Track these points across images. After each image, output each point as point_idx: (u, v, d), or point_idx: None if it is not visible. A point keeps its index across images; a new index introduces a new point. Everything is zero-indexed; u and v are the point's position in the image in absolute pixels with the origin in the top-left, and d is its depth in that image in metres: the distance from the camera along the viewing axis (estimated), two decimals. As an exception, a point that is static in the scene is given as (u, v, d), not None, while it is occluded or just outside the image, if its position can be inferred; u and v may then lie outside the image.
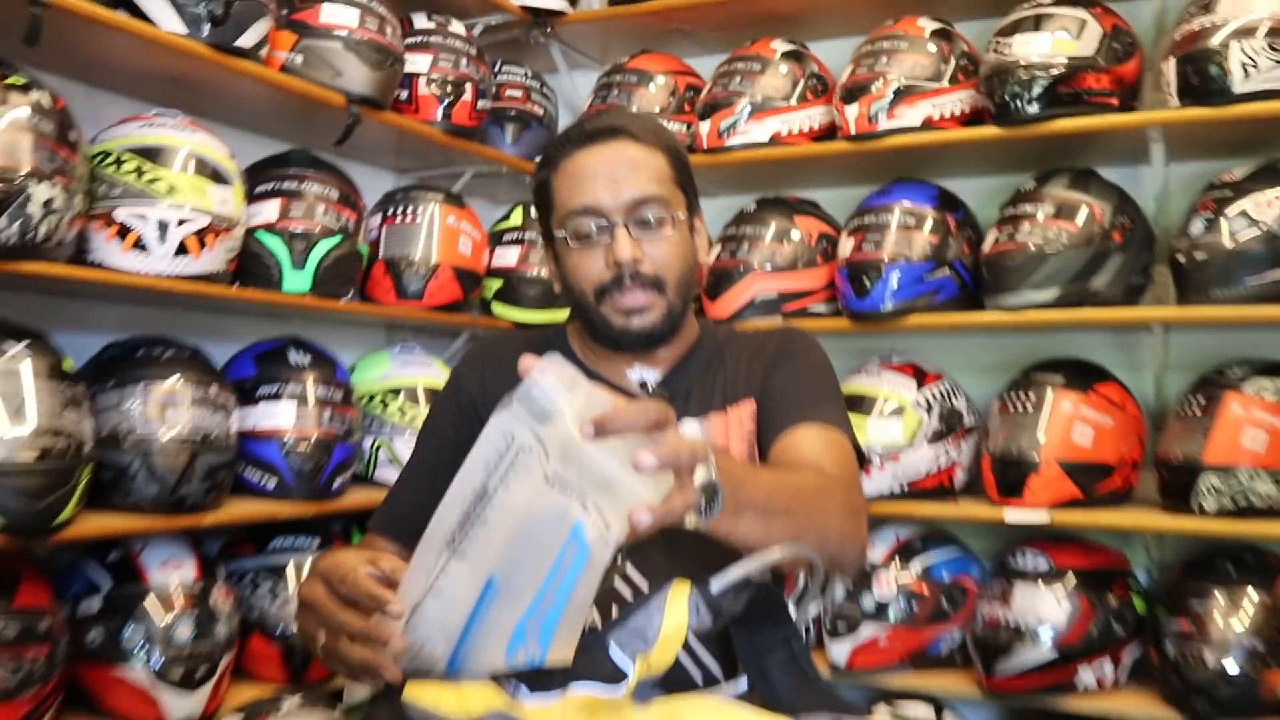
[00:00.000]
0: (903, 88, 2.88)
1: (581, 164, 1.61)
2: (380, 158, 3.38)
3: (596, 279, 1.60)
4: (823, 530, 1.36)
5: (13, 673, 2.03)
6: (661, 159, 1.64)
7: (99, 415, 2.24)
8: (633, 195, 1.59)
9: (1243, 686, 2.49)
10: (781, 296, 3.05)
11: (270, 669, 2.62)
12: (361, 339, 3.40)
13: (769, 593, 1.20)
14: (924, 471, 2.89)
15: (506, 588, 1.06)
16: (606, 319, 1.62)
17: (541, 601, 1.06)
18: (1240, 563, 2.62)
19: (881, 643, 2.87)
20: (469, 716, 1.00)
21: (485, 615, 1.07)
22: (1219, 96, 2.54)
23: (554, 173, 1.65)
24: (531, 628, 1.07)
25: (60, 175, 2.05)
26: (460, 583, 1.07)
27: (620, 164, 1.60)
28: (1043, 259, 2.71)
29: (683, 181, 1.68)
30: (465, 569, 1.06)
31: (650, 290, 1.60)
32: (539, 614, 1.06)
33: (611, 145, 1.62)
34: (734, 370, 1.70)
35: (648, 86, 3.29)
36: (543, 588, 1.05)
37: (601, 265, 1.60)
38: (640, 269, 1.58)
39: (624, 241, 1.57)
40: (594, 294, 1.61)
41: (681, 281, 1.64)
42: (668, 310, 1.62)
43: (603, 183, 1.59)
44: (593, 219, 1.59)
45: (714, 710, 1.09)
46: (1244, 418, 2.54)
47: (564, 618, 1.07)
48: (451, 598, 1.07)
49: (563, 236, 1.62)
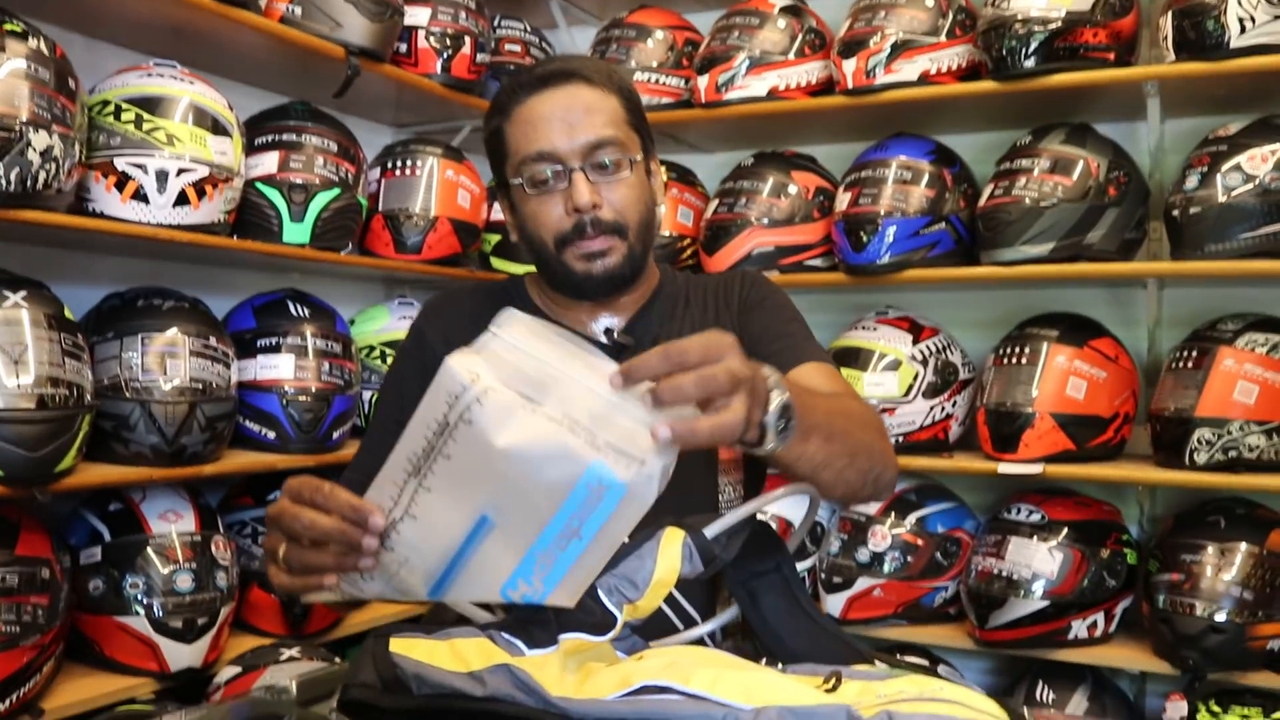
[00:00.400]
0: (900, 42, 2.87)
1: (535, 109, 1.58)
2: (379, 112, 3.38)
3: (556, 226, 1.57)
4: (871, 450, 1.39)
5: (14, 622, 2.05)
6: (615, 101, 1.60)
7: (99, 365, 2.25)
8: (589, 139, 1.55)
9: (1232, 637, 2.51)
10: (779, 250, 3.06)
11: (270, 620, 2.64)
12: (360, 292, 3.40)
13: (763, 527, 1.20)
14: (919, 425, 2.91)
15: (503, 525, 1.03)
16: (568, 266, 1.58)
17: (557, 537, 1.02)
18: (1231, 515, 2.64)
19: (876, 594, 2.90)
20: (469, 670, 1.00)
21: (476, 550, 1.04)
22: (1215, 51, 2.54)
23: (506, 120, 1.61)
24: (541, 563, 1.03)
25: (59, 123, 2.05)
26: (438, 514, 1.04)
27: (575, 108, 1.57)
28: (1038, 213, 2.72)
29: (637, 123, 1.64)
30: (439, 501, 1.03)
31: (611, 236, 1.57)
32: (554, 548, 1.02)
33: (565, 89, 1.58)
34: (701, 316, 1.69)
35: (646, 41, 3.28)
36: (554, 526, 1.01)
37: (560, 212, 1.56)
38: (600, 214, 1.55)
39: (582, 186, 1.54)
40: (554, 242, 1.58)
41: (642, 225, 1.61)
42: (629, 254, 1.59)
43: (558, 127, 1.55)
44: (549, 165, 1.56)
45: (711, 659, 1.09)
46: (1236, 371, 2.55)
47: (586, 554, 1.03)
48: (431, 525, 1.04)
49: (519, 184, 1.59)
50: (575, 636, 1.06)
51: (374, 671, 1.01)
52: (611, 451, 0.99)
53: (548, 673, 0.99)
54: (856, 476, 1.38)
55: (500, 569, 1.05)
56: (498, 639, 1.03)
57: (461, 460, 1.00)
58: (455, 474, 1.01)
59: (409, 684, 0.98)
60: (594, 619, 1.08)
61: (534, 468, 0.99)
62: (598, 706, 0.96)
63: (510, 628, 1.06)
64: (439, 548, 1.05)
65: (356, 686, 1.00)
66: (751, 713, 0.93)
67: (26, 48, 2.04)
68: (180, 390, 2.30)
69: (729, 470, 1.64)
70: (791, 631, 1.20)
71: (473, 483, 1.01)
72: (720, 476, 1.63)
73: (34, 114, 2.00)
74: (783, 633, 1.20)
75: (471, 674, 0.98)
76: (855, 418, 1.39)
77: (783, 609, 1.21)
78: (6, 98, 1.97)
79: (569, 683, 0.99)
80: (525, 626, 1.06)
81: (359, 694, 0.99)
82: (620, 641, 1.11)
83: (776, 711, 0.93)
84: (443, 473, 1.01)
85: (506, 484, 1.00)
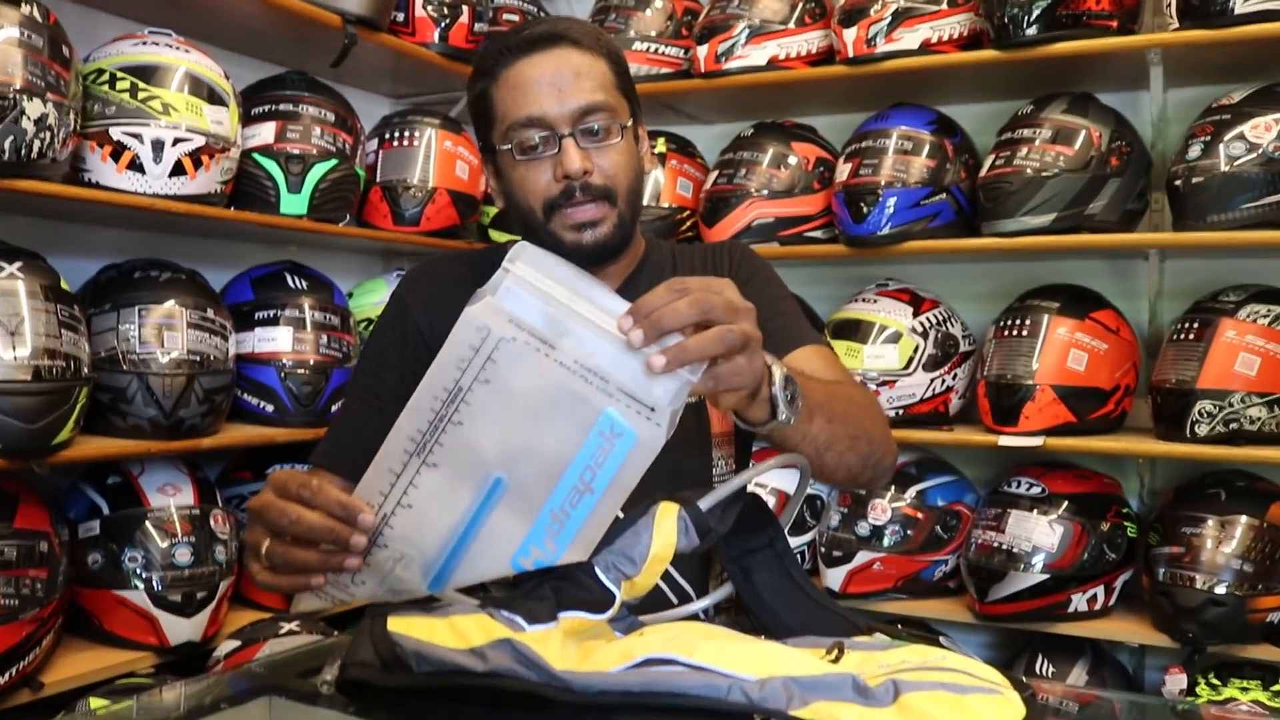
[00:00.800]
0: (901, 10, 2.85)
1: (523, 73, 1.54)
2: (377, 83, 3.35)
3: (544, 193, 1.54)
4: (871, 435, 1.40)
5: (13, 595, 2.05)
6: (604, 65, 1.57)
7: (96, 337, 2.24)
8: (578, 104, 1.52)
9: (1232, 610, 2.51)
10: (779, 221, 3.04)
11: (268, 595, 2.64)
12: (359, 264, 3.39)
13: (755, 500, 1.19)
14: (919, 397, 2.90)
15: (516, 486, 1.02)
16: (556, 234, 1.55)
17: (570, 491, 1.02)
18: (1231, 488, 2.64)
19: (876, 568, 2.90)
20: (469, 646, 0.99)
21: (486, 521, 1.03)
22: (1219, 18, 2.52)
23: (493, 83, 1.57)
24: (554, 523, 1.03)
25: (53, 92, 2.03)
26: (438, 493, 1.02)
27: (564, 72, 1.53)
28: (1039, 184, 2.70)
29: (625, 88, 1.61)
30: (441, 476, 1.02)
31: (601, 202, 1.54)
32: (566, 504, 1.02)
33: (554, 53, 1.54)
34: None
35: (645, 10, 3.25)
36: (567, 480, 1.01)
37: (549, 178, 1.53)
38: (590, 180, 1.53)
39: (572, 153, 1.51)
40: (542, 209, 1.55)
41: (631, 191, 1.59)
42: (619, 222, 1.56)
43: (547, 92, 1.52)
44: (537, 130, 1.52)
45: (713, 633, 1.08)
46: (1237, 343, 2.54)
47: (598, 507, 1.03)
48: (427, 510, 1.03)
49: (507, 149, 1.55)
50: (574, 615, 1.05)
51: (373, 650, 1.00)
52: (624, 397, 0.99)
53: (549, 648, 0.98)
54: (857, 460, 1.39)
55: (511, 538, 1.04)
56: (497, 616, 1.02)
57: (476, 421, 0.99)
58: (466, 440, 1.00)
59: (409, 662, 0.98)
60: (593, 597, 1.07)
61: (548, 417, 0.99)
62: (602, 679, 0.95)
63: (509, 605, 1.05)
64: (442, 530, 1.04)
65: (356, 665, 0.99)
66: (756, 683, 0.93)
67: (19, 14, 2.02)
68: (178, 363, 2.29)
69: (722, 444, 1.64)
70: (786, 606, 1.20)
71: (486, 444, 1.00)
72: (714, 450, 1.63)
73: (28, 82, 1.98)
74: (778, 608, 1.20)
75: (472, 650, 0.97)
76: (854, 402, 1.40)
77: (776, 584, 1.20)
78: (0, 65, 1.95)
79: (571, 656, 0.99)
80: (524, 603, 1.05)
81: (358, 673, 0.98)
82: (618, 622, 1.11)
83: (781, 681, 0.93)
84: (452, 442, 1.00)
85: (520, 439, 1.00)
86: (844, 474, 1.39)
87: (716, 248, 1.77)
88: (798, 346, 1.58)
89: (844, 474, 1.39)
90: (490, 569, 1.07)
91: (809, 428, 1.24)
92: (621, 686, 0.94)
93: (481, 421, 0.99)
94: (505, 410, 0.99)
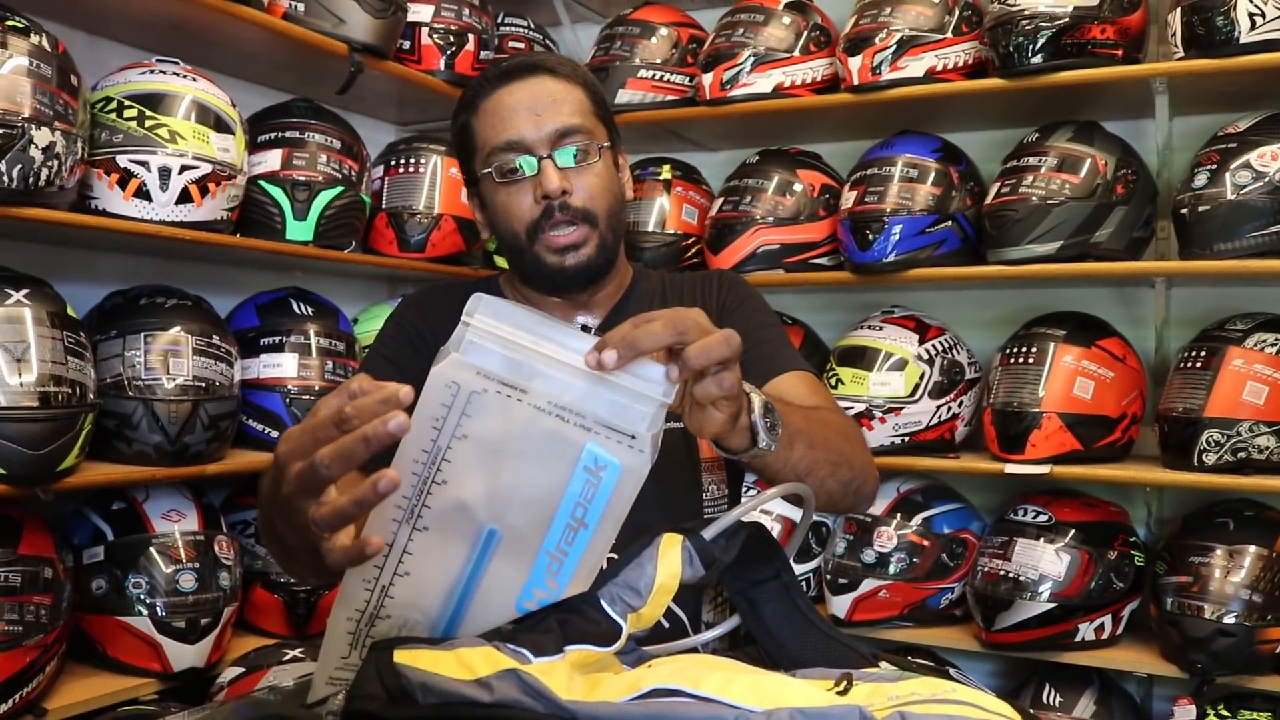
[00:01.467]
0: (906, 39, 2.86)
1: (501, 101, 1.59)
2: (382, 110, 3.37)
3: (526, 216, 1.57)
4: (852, 461, 1.41)
5: (17, 621, 2.05)
6: (581, 93, 1.62)
7: (101, 364, 2.25)
8: (555, 126, 1.56)
9: (1241, 640, 2.50)
10: (784, 248, 3.04)
11: (273, 621, 2.63)
12: (364, 291, 3.39)
13: (760, 530, 1.19)
14: (925, 425, 2.89)
15: (510, 535, 1.02)
16: (540, 259, 1.58)
17: (564, 530, 1.02)
18: (1240, 517, 2.63)
19: (881, 596, 2.88)
20: (475, 677, 0.98)
21: (485, 573, 1.03)
22: (1225, 46, 2.52)
23: (474, 114, 1.62)
24: (553, 562, 1.03)
25: (61, 120, 2.04)
26: (433, 555, 1.01)
27: (540, 97, 1.58)
28: (1045, 211, 2.70)
29: (603, 115, 1.65)
30: (434, 539, 1.00)
31: (582, 225, 1.57)
32: (562, 543, 1.02)
33: (530, 81, 1.59)
34: None
35: (650, 38, 3.26)
36: (560, 519, 1.01)
37: (530, 201, 1.56)
38: (570, 201, 1.55)
39: (551, 173, 1.54)
40: (525, 232, 1.58)
41: (612, 213, 1.61)
42: (600, 244, 1.59)
43: (524, 116, 1.56)
44: (517, 154, 1.56)
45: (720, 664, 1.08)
46: (1245, 371, 2.54)
47: (594, 539, 1.03)
48: (425, 573, 1.02)
49: (487, 173, 1.59)
50: (581, 648, 1.05)
51: (379, 683, 0.99)
52: (603, 429, 0.99)
53: (556, 679, 0.98)
54: (838, 486, 1.40)
55: (512, 584, 1.04)
56: (503, 648, 1.02)
57: (459, 477, 0.98)
58: (453, 499, 0.99)
59: (415, 694, 0.97)
60: (599, 629, 1.07)
61: (531, 461, 0.99)
62: (609, 709, 0.94)
63: (514, 638, 1.04)
64: (442, 590, 1.04)
65: (361, 698, 0.98)
66: (763, 715, 0.92)
67: (28, 44, 2.03)
68: (183, 389, 2.29)
69: (712, 469, 1.65)
70: (794, 639, 1.20)
71: (473, 499, 1.00)
72: (704, 475, 1.64)
73: (36, 110, 1.99)
74: (785, 640, 1.20)
75: (478, 681, 0.97)
76: (834, 428, 1.40)
77: (784, 616, 1.20)
78: (8, 94, 1.96)
79: (578, 688, 0.98)
80: (530, 636, 1.05)
81: (364, 705, 0.98)
82: (625, 655, 1.10)
83: (788, 713, 0.92)
84: (439, 503, 0.99)
85: (507, 487, 0.99)
86: (824, 500, 1.40)
87: (706, 277, 1.78)
88: (782, 372, 1.59)
89: (824, 500, 1.40)
90: (495, 617, 1.07)
91: (789, 454, 1.25)
92: (627, 717, 0.94)
93: (465, 477, 0.98)
94: (487, 462, 0.98)
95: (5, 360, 1.97)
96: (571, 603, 1.08)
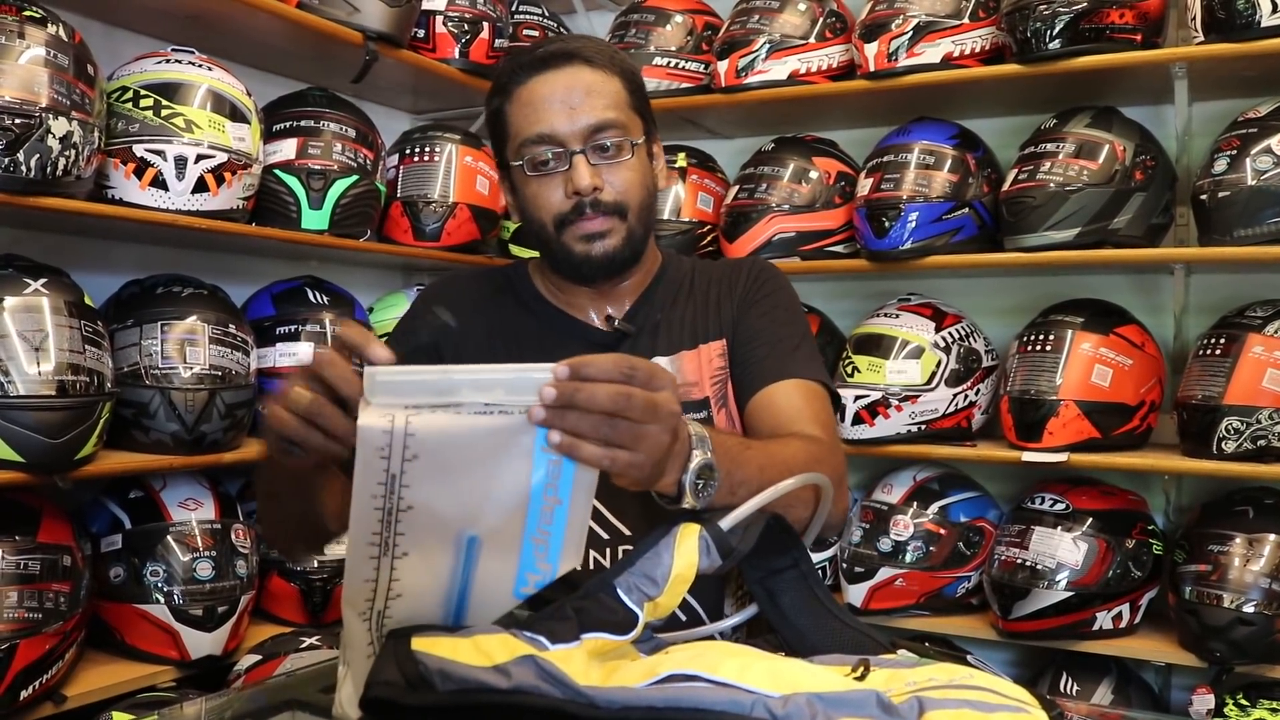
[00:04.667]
0: (922, 25, 2.84)
1: (536, 91, 1.56)
2: (397, 99, 3.36)
3: (556, 209, 1.56)
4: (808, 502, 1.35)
5: (36, 608, 2.06)
6: (617, 83, 1.59)
7: (118, 353, 2.25)
8: (590, 121, 1.54)
9: (1260, 629, 2.48)
10: (800, 236, 3.04)
11: (289, 609, 2.64)
12: (379, 280, 3.40)
13: (777, 521, 1.19)
14: (942, 413, 2.88)
15: (490, 536, 1.03)
16: (567, 247, 1.57)
17: (541, 513, 1.03)
18: (1259, 505, 2.61)
19: (898, 584, 2.88)
20: (493, 664, 0.98)
21: (475, 576, 1.05)
22: (1245, 30, 2.50)
23: (508, 101, 1.59)
24: (539, 546, 1.04)
25: (78, 110, 2.04)
26: (421, 574, 1.03)
27: (576, 90, 1.55)
28: (1063, 198, 2.68)
29: (640, 106, 1.63)
30: (416, 560, 1.02)
31: (611, 216, 1.56)
32: (542, 525, 1.03)
33: (566, 70, 1.56)
34: (704, 304, 1.67)
35: (665, 25, 3.25)
36: (534, 505, 1.02)
37: (561, 195, 1.55)
38: (600, 197, 1.54)
39: (583, 169, 1.53)
40: (554, 224, 1.56)
41: (642, 207, 1.60)
42: (628, 236, 1.58)
43: (559, 109, 1.54)
44: (549, 147, 1.54)
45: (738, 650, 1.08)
46: (1265, 359, 2.52)
47: (572, 512, 1.04)
48: (417, 591, 1.04)
49: (519, 165, 1.57)
50: (597, 636, 1.05)
51: (397, 670, 0.99)
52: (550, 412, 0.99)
53: (573, 665, 0.98)
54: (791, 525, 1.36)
55: (505, 577, 1.06)
56: (520, 635, 1.02)
57: (422, 497, 0.99)
58: (423, 519, 1.00)
59: (433, 681, 0.97)
60: (616, 618, 1.07)
61: (488, 462, 1.00)
62: (626, 694, 0.94)
63: (531, 626, 1.04)
64: (438, 599, 1.06)
65: (380, 685, 0.98)
66: (780, 699, 0.92)
67: (46, 34, 2.04)
68: (200, 378, 2.30)
69: None
70: (813, 626, 1.20)
71: (443, 513, 1.01)
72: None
73: (53, 100, 2.00)
74: (804, 628, 1.20)
75: (496, 667, 0.97)
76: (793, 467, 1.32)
77: (802, 605, 1.20)
78: (26, 84, 1.97)
79: (595, 673, 0.98)
80: (547, 624, 1.05)
81: (383, 692, 0.98)
82: (642, 643, 1.10)
83: (805, 698, 0.92)
84: (410, 527, 1.01)
85: (473, 492, 1.00)
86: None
87: (736, 264, 1.76)
88: (784, 379, 1.58)
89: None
90: (496, 611, 1.08)
91: (730, 501, 1.21)
92: (645, 702, 0.94)
93: (428, 495, 0.99)
94: (445, 475, 0.99)
95: (23, 349, 1.98)
96: (588, 591, 1.08)
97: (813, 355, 1.65)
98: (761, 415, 1.57)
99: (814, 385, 1.60)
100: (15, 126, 1.94)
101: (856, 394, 2.87)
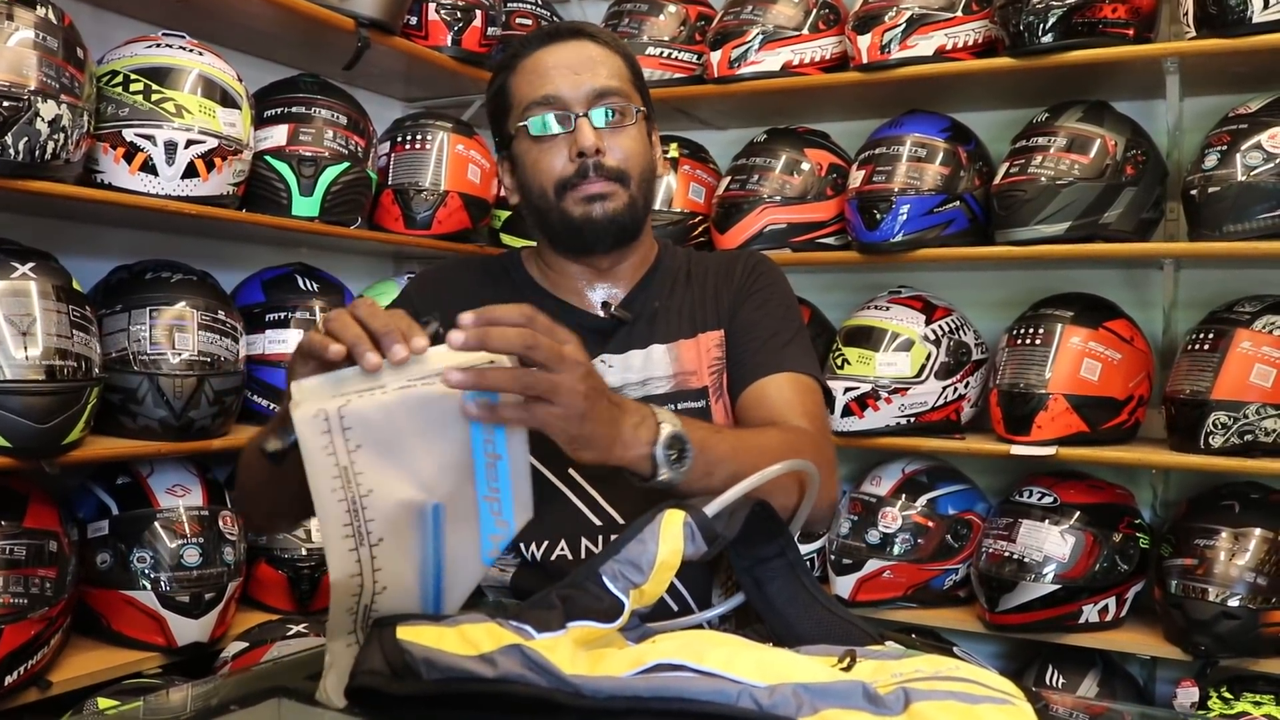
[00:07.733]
0: (916, 17, 2.84)
1: (542, 60, 1.59)
2: (389, 86, 3.35)
3: (559, 173, 1.56)
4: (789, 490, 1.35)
5: (22, 594, 2.05)
6: (620, 61, 1.63)
7: (107, 338, 2.25)
8: (594, 86, 1.56)
9: (1245, 623, 2.49)
10: (791, 228, 3.03)
11: (276, 596, 2.64)
12: (369, 267, 3.39)
13: (763, 508, 1.19)
14: (931, 405, 2.89)
15: (449, 500, 1.06)
16: (568, 213, 1.56)
17: (486, 471, 1.06)
18: (1245, 500, 2.62)
19: (886, 577, 2.88)
20: (479, 653, 0.98)
21: (445, 544, 1.07)
22: (1237, 26, 2.50)
23: (512, 73, 1.62)
24: (491, 504, 1.07)
25: (67, 93, 2.03)
26: (398, 556, 1.05)
27: (581, 58, 1.58)
28: (1054, 192, 2.69)
29: (640, 87, 1.66)
30: (391, 543, 1.04)
31: (613, 181, 1.56)
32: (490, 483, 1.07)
33: (572, 43, 1.60)
34: (702, 293, 1.67)
35: (659, 15, 3.25)
36: (478, 463, 1.05)
37: (564, 159, 1.55)
38: (603, 160, 1.55)
39: (586, 130, 1.54)
40: (555, 189, 1.56)
41: (643, 178, 1.61)
42: (630, 202, 1.58)
43: (564, 74, 1.57)
44: (554, 110, 1.56)
45: (724, 640, 1.08)
46: (1253, 354, 2.52)
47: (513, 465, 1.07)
48: (398, 573, 1.06)
49: (522, 126, 1.58)
50: (584, 625, 1.05)
51: (382, 659, 0.99)
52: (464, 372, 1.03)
53: (559, 654, 0.98)
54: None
55: (471, 543, 1.09)
56: (506, 624, 1.02)
57: (378, 481, 1.02)
58: (385, 502, 1.03)
59: (418, 669, 0.97)
60: (602, 606, 1.07)
61: (427, 432, 1.03)
62: (612, 683, 0.95)
63: (518, 615, 1.05)
64: (417, 577, 1.07)
65: (366, 674, 0.98)
66: (767, 689, 0.92)
67: (35, 16, 2.02)
68: (188, 364, 2.29)
69: None
70: (799, 616, 1.20)
71: (402, 491, 1.03)
72: None
73: (42, 83, 1.98)
74: (791, 617, 1.20)
75: (482, 656, 0.97)
76: (767, 452, 1.30)
77: (789, 594, 1.20)
78: (15, 67, 1.96)
79: (581, 662, 0.98)
80: (533, 613, 1.05)
81: (368, 681, 0.98)
82: (629, 631, 1.10)
83: (792, 688, 0.92)
84: (376, 513, 1.03)
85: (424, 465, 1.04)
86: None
87: (733, 256, 1.77)
88: (774, 372, 1.58)
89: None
90: (469, 578, 1.12)
91: (709, 483, 1.22)
92: (631, 691, 0.94)
93: (383, 477, 1.02)
94: (390, 453, 1.02)
95: (11, 333, 1.97)
96: (574, 579, 1.08)
97: (806, 349, 1.65)
98: (752, 408, 1.57)
99: (805, 379, 1.60)
100: (4, 109, 1.93)
101: (846, 386, 2.87)
